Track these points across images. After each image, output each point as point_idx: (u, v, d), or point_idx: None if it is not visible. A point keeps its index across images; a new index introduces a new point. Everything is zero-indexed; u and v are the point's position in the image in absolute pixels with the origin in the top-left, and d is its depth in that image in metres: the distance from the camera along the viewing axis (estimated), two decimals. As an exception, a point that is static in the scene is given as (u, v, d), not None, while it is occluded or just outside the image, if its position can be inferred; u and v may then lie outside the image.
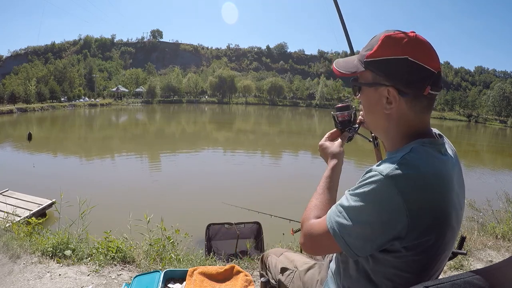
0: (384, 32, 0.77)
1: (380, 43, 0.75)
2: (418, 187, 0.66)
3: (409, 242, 0.68)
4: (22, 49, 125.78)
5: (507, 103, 61.08)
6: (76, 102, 47.10)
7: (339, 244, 0.72)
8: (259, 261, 1.44)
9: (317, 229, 0.79)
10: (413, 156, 0.70)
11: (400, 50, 0.72)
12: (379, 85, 0.76)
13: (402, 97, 0.74)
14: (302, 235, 0.84)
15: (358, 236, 0.70)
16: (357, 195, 0.70)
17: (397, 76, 0.73)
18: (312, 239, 0.80)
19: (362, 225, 0.69)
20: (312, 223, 0.82)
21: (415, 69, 0.72)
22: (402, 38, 0.73)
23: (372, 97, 0.79)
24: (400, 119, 0.77)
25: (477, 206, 4.55)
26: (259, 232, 3.58)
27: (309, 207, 0.88)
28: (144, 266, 2.47)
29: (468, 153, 20.38)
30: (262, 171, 11.37)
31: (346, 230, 0.71)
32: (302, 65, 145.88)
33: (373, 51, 0.75)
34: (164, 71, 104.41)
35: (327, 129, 1.16)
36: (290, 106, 75.77)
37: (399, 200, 0.65)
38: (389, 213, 0.66)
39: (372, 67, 0.76)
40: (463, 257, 2.72)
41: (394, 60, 0.73)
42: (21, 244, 2.61)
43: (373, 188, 0.67)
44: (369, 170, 0.72)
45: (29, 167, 10.25)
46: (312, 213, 0.85)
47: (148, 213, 2.94)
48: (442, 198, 0.69)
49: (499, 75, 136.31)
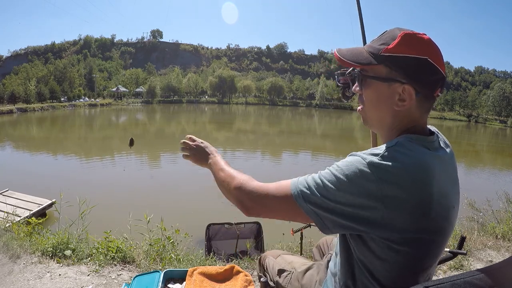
0: (398, 29, 0.77)
1: (400, 39, 0.74)
2: (398, 179, 0.66)
3: (391, 233, 0.68)
4: (22, 49, 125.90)
5: (507, 103, 61.09)
6: (76, 102, 47.11)
7: (304, 209, 0.72)
8: (257, 263, 1.44)
9: (276, 193, 0.78)
10: (397, 150, 0.70)
11: (421, 50, 0.73)
12: (394, 81, 0.75)
13: (416, 96, 0.74)
14: (247, 198, 0.83)
15: (327, 209, 0.70)
16: (337, 173, 0.70)
17: (416, 75, 0.73)
18: (267, 201, 0.79)
19: (335, 201, 0.69)
20: (268, 186, 0.81)
21: (432, 70, 0.73)
22: (422, 39, 0.74)
23: (383, 92, 0.77)
24: (407, 117, 0.78)
25: (477, 206, 4.54)
26: (259, 232, 3.58)
27: (233, 174, 0.91)
28: (144, 266, 2.47)
29: (468, 153, 20.38)
30: (262, 171, 11.36)
31: (316, 199, 0.71)
32: (302, 65, 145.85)
33: (392, 46, 0.74)
34: (164, 71, 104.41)
35: (327, 129, 1.16)
36: (290, 106, 75.77)
37: (377, 188, 0.65)
38: (365, 197, 0.66)
39: (390, 62, 0.75)
40: (463, 257, 2.72)
41: (415, 59, 0.73)
42: (21, 244, 2.61)
43: (355, 171, 0.68)
44: (353, 154, 0.73)
45: (30, 167, 10.26)
46: (247, 178, 0.87)
47: (148, 213, 2.94)
48: (422, 191, 0.67)
49: (499, 75, 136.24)
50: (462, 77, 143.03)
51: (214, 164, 1.04)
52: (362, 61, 0.78)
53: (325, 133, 28.18)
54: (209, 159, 1.08)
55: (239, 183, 0.86)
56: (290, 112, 57.69)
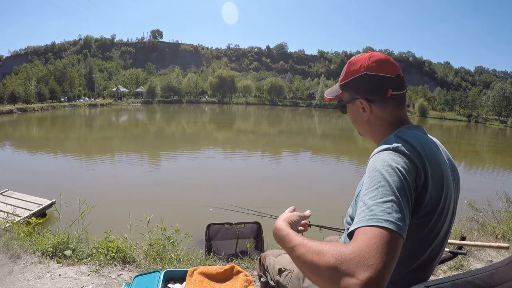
0: (352, 58, 0.97)
1: (346, 68, 0.96)
2: (414, 154, 0.76)
3: (419, 207, 0.74)
4: (22, 49, 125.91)
5: (507, 103, 61.09)
6: (76, 102, 47.07)
7: (397, 229, 0.61)
8: (258, 262, 1.44)
9: (371, 243, 0.59)
10: (403, 134, 0.83)
11: (360, 68, 0.91)
12: (353, 100, 0.95)
13: (372, 103, 0.91)
14: (351, 273, 0.56)
15: (402, 209, 0.65)
16: (377, 175, 0.71)
17: (362, 89, 0.92)
18: (377, 257, 0.57)
19: (399, 197, 0.66)
20: (357, 243, 0.60)
21: (374, 80, 0.89)
22: (359, 60, 0.93)
23: (353, 110, 0.98)
24: (378, 120, 0.93)
25: (477, 206, 4.55)
26: (259, 232, 3.57)
27: (316, 249, 0.64)
28: (144, 266, 2.47)
29: (468, 153, 20.38)
30: (262, 171, 11.37)
31: (394, 211, 0.63)
32: (302, 65, 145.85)
33: (342, 76, 0.97)
34: (164, 71, 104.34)
35: (327, 129, 1.18)
36: (290, 106, 75.77)
37: (408, 162, 0.73)
38: (409, 175, 0.71)
39: (346, 87, 0.97)
40: (463, 257, 2.72)
41: (357, 78, 0.92)
42: (21, 244, 2.61)
43: (387, 162, 0.73)
44: (372, 156, 0.80)
45: (29, 167, 10.26)
46: (332, 246, 0.62)
47: (148, 213, 2.94)
48: (434, 163, 0.78)
49: (499, 75, 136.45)
50: (462, 77, 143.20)
51: (282, 242, 0.79)
52: (334, 94, 1.03)
53: (325, 133, 28.18)
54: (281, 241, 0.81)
55: (330, 262, 0.59)
56: (290, 112, 57.68)
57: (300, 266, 0.68)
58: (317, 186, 9.19)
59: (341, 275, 0.56)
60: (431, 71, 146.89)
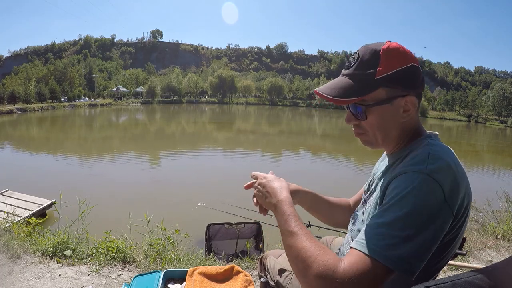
0: (368, 48, 0.76)
1: (384, 57, 0.74)
2: (450, 175, 0.66)
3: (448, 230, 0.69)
4: (22, 49, 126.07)
5: (507, 103, 61.12)
6: (76, 102, 47.07)
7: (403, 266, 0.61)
8: (258, 262, 1.44)
9: (364, 269, 0.61)
10: (436, 150, 0.71)
11: (404, 59, 0.75)
12: (395, 98, 0.74)
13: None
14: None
15: (422, 245, 0.63)
16: (403, 202, 0.64)
17: (411, 83, 0.75)
18: (363, 283, 0.60)
19: (421, 230, 0.63)
20: (350, 266, 0.62)
21: (418, 72, 0.76)
22: (397, 48, 0.75)
23: (387, 112, 0.76)
24: (410, 123, 0.79)
25: (477, 206, 4.54)
26: (259, 232, 3.57)
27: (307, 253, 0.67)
28: (144, 266, 2.46)
29: (468, 153, 20.36)
30: (262, 171, 11.33)
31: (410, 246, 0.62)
32: (302, 65, 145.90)
33: (382, 67, 0.73)
34: (164, 71, 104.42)
35: (327, 129, 1.16)
36: (290, 106, 75.75)
37: (441, 191, 0.64)
38: (438, 206, 0.64)
39: (387, 82, 0.73)
40: (463, 257, 2.72)
41: (404, 70, 0.74)
42: (21, 244, 2.61)
43: (417, 189, 0.64)
44: (397, 174, 0.69)
45: (29, 167, 10.25)
46: (325, 256, 0.65)
47: (148, 213, 2.94)
48: (465, 182, 0.70)
49: (499, 75, 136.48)
50: (462, 77, 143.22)
51: (280, 215, 0.81)
52: (356, 94, 0.75)
53: (325, 133, 28.17)
54: (274, 207, 0.85)
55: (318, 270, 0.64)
56: (290, 112, 57.67)
57: (288, 253, 0.72)
58: (317, 186, 9.15)
59: (324, 285, 0.61)
60: (431, 71, 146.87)
